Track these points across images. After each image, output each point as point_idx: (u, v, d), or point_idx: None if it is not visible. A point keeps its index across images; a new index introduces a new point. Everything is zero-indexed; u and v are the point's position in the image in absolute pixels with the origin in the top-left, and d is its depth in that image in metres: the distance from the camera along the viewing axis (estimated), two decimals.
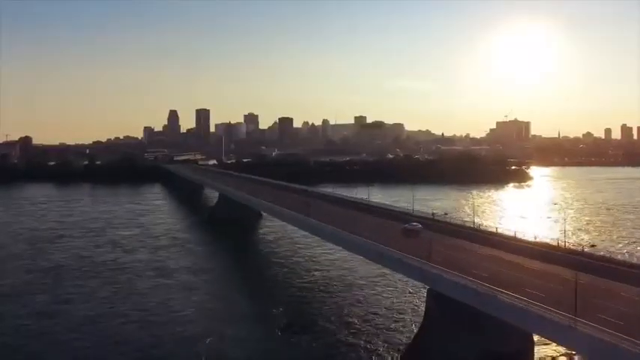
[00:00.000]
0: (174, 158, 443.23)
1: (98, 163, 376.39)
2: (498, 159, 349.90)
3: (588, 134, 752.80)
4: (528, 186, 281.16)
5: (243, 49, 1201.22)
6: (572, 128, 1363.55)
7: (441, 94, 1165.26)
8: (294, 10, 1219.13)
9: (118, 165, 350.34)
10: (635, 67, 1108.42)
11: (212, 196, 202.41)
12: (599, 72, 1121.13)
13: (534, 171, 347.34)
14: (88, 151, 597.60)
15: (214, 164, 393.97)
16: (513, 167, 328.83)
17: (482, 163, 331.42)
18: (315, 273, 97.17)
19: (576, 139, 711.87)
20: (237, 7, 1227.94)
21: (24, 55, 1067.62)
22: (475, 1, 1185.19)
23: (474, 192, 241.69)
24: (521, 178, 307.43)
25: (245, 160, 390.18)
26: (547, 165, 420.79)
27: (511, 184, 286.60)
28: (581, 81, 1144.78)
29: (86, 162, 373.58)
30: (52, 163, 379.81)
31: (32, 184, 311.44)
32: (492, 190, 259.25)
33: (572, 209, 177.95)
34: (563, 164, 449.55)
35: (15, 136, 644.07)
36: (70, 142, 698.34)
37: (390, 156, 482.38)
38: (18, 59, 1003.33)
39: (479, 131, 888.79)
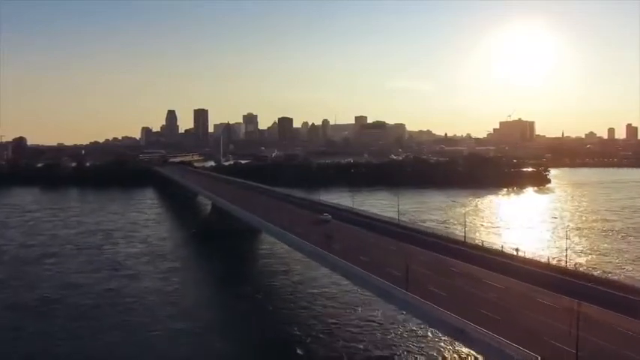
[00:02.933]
0: (169, 160, 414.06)
1: (88, 164, 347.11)
2: (513, 161, 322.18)
3: (591, 134, 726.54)
4: (551, 190, 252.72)
5: (243, 48, 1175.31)
6: (574, 128, 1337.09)
7: (441, 94, 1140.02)
8: (293, 10, 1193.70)
9: (108, 167, 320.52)
10: (636, 66, 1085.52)
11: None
12: (599, 71, 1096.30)
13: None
14: (83, 152, 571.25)
15: (211, 166, 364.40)
16: (530, 169, 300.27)
17: (496, 164, 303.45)
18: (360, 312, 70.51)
19: (579, 139, 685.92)
20: (237, 6, 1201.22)
21: (23, 55, 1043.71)
22: (476, 0, 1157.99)
23: (498, 197, 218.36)
24: (538, 181, 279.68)
25: (243, 162, 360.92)
26: (556, 166, 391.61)
27: (530, 188, 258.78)
28: (582, 80, 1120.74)
29: (74, 164, 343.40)
30: (40, 164, 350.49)
31: (18, 187, 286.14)
32: (514, 195, 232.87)
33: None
34: (574, 165, 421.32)
35: (15, 137, 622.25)
36: (69, 142, 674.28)
37: (394, 157, 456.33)
38: (17, 60, 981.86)
39: (480, 131, 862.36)
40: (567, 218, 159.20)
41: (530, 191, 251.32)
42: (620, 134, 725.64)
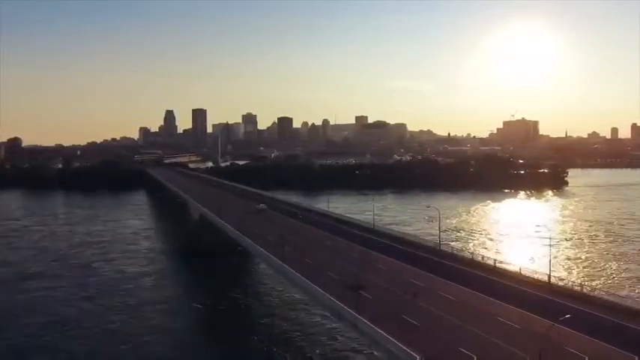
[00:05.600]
0: (165, 161, 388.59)
1: (77, 165, 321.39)
2: (526, 161, 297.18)
3: (594, 134, 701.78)
4: (574, 194, 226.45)
5: (242, 48, 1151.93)
6: (576, 128, 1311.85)
7: (441, 94, 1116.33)
8: (293, 9, 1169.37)
9: (97, 169, 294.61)
10: (636, 66, 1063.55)
11: None
12: (599, 71, 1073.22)
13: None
14: (79, 152, 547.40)
15: (207, 167, 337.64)
16: (545, 170, 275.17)
17: (511, 166, 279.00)
18: None
19: (582, 139, 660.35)
20: (236, 6, 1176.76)
21: (23, 55, 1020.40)
22: (476, 0, 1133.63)
23: (523, 202, 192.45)
24: (555, 183, 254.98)
25: (241, 163, 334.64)
26: (566, 167, 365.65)
27: (549, 192, 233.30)
28: (582, 80, 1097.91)
29: (60, 165, 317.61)
30: (26, 166, 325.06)
31: (3, 190, 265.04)
32: (537, 200, 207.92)
33: None
34: (585, 166, 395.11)
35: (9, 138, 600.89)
36: (68, 143, 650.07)
37: (397, 157, 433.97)
38: (17, 60, 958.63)
39: (481, 131, 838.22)
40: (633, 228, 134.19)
41: (550, 195, 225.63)
42: (624, 134, 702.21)
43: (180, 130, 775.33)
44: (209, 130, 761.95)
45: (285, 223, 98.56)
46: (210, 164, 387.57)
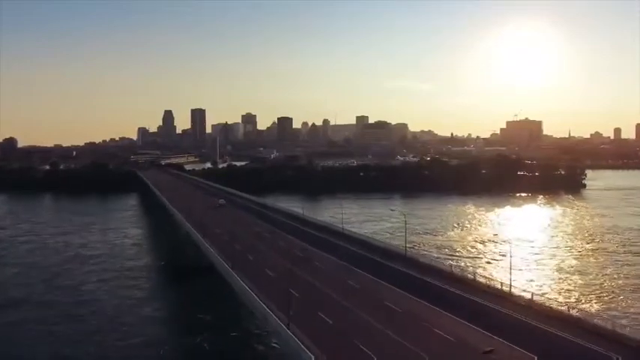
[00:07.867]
0: (161, 162, 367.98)
1: (68, 166, 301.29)
2: (541, 163, 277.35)
3: (597, 134, 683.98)
4: (601, 197, 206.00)
5: (242, 48, 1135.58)
6: (576, 128, 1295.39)
7: (441, 94, 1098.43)
8: (293, 9, 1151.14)
9: (87, 170, 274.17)
10: (636, 66, 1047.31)
11: None
12: (599, 72, 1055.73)
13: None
14: (74, 153, 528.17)
15: (204, 169, 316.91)
16: (562, 172, 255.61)
17: (525, 167, 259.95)
18: None
19: (585, 139, 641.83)
20: (236, 6, 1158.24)
21: (23, 55, 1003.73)
22: (476, 0, 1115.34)
23: (550, 208, 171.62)
24: (574, 186, 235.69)
25: (239, 165, 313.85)
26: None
27: (567, 195, 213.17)
28: (581, 81, 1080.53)
29: (47, 167, 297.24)
30: (14, 167, 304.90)
31: None
32: (560, 205, 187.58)
33: None
34: (595, 167, 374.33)
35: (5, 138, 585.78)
36: (67, 143, 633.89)
37: (399, 158, 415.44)
38: (17, 60, 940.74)
39: (482, 132, 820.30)
40: None
41: (571, 199, 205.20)
42: (626, 134, 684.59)
43: (179, 131, 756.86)
44: (208, 130, 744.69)
45: (290, 246, 78.91)
46: (208, 165, 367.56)
